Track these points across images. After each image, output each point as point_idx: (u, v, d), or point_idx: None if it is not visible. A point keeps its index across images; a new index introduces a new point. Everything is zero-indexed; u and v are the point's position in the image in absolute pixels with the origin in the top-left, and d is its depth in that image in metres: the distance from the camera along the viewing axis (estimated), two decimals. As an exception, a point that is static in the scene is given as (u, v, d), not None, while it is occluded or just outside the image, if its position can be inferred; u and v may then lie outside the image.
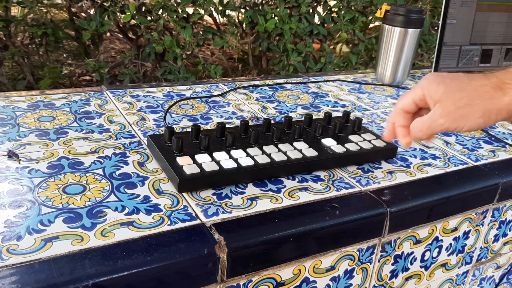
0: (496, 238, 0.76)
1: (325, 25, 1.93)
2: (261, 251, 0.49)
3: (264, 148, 0.62)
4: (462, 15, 1.12)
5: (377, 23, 2.13)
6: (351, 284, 0.60)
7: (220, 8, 1.73)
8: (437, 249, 0.67)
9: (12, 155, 0.59)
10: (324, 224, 0.52)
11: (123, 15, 1.64)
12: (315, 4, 1.94)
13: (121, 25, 1.82)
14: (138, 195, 0.53)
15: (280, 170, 0.60)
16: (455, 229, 0.67)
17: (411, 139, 0.58)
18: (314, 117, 0.73)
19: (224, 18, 1.83)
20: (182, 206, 0.52)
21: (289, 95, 0.95)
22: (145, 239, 0.45)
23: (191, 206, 0.52)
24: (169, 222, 0.48)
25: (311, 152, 0.63)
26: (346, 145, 0.66)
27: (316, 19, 1.93)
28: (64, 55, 2.09)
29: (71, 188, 0.53)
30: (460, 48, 1.15)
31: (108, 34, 2.04)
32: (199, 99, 0.87)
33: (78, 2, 1.70)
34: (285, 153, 0.62)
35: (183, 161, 0.57)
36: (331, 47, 2.25)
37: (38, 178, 0.54)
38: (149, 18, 1.68)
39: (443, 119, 0.53)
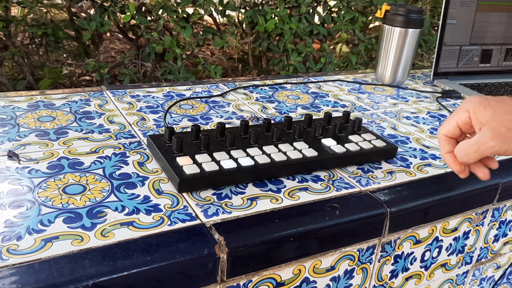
0: (496, 238, 0.76)
1: (325, 25, 1.93)
2: (261, 251, 0.49)
3: (264, 148, 0.62)
4: (462, 15, 1.12)
5: (377, 23, 2.13)
6: (351, 284, 0.60)
7: (220, 8, 1.73)
8: (437, 249, 0.67)
9: (12, 155, 0.59)
10: (324, 224, 0.52)
11: (123, 15, 1.64)
12: (315, 4, 1.94)
13: (121, 25, 1.82)
14: (138, 195, 0.53)
15: (280, 170, 0.60)
16: (455, 229, 0.67)
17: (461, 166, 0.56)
18: (314, 117, 0.73)
19: (224, 18, 1.83)
20: (182, 206, 0.52)
21: (289, 95, 0.95)
22: (145, 239, 0.45)
23: (191, 206, 0.52)
24: (169, 222, 0.48)
25: (311, 152, 0.63)
26: (346, 145, 0.66)
27: (316, 19, 1.93)
28: (64, 55, 2.09)
29: (71, 188, 0.53)
30: (460, 48, 1.15)
31: (108, 34, 2.04)
32: (199, 99, 0.87)
33: (78, 2, 1.70)
34: (285, 153, 0.62)
35: (183, 161, 0.57)
36: (331, 47, 2.25)
37: (38, 178, 0.54)
38: (149, 18, 1.68)
39: (493, 142, 0.51)
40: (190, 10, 1.72)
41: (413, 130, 0.82)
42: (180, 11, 1.64)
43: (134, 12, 1.59)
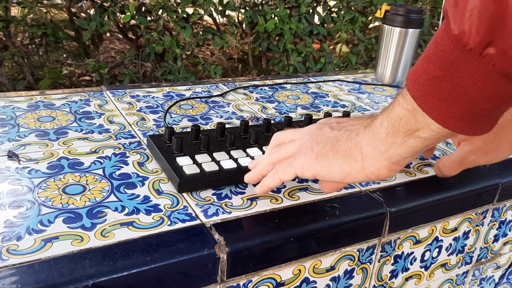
0: (496, 238, 0.76)
1: (325, 25, 1.93)
2: (261, 251, 0.49)
3: (264, 148, 0.62)
4: (462, 15, 1.12)
5: (377, 23, 2.13)
6: (351, 284, 0.60)
7: (220, 8, 1.73)
8: (437, 249, 0.67)
9: (12, 155, 0.59)
10: (324, 224, 0.52)
11: (123, 15, 1.64)
12: (315, 4, 1.94)
13: (121, 25, 1.82)
14: (138, 195, 0.53)
15: (280, 170, 0.60)
16: (455, 229, 0.67)
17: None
18: (314, 117, 0.73)
19: (224, 18, 1.83)
20: (182, 206, 0.52)
21: (289, 95, 0.95)
22: (145, 239, 0.45)
23: (191, 206, 0.52)
24: (169, 222, 0.48)
25: (311, 152, 0.63)
26: (346, 145, 0.66)
27: (316, 19, 1.93)
28: (64, 55, 2.09)
29: (71, 188, 0.53)
30: (460, 48, 1.15)
31: (108, 34, 2.04)
32: (199, 99, 0.87)
33: (78, 2, 1.70)
34: (285, 153, 0.62)
35: (183, 161, 0.57)
36: (331, 47, 2.25)
37: (38, 178, 0.54)
38: (149, 18, 1.69)
39: (474, 156, 0.56)
40: (190, 10, 1.72)
41: (413, 130, 0.82)
42: (180, 11, 1.64)
43: (134, 12, 1.59)
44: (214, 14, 1.86)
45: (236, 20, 1.94)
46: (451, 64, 0.33)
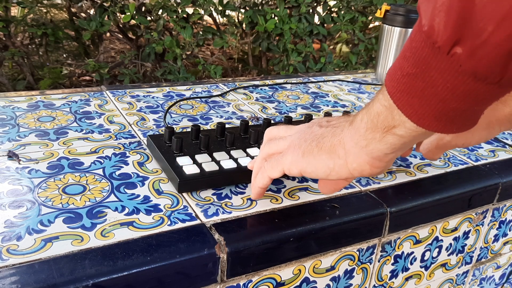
0: (496, 238, 0.76)
1: (325, 25, 1.93)
2: (261, 251, 0.49)
3: (264, 148, 0.62)
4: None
5: (377, 23, 2.13)
6: (351, 284, 0.60)
7: (220, 8, 1.73)
8: (437, 249, 0.67)
9: (12, 155, 0.59)
10: (324, 224, 0.52)
11: (123, 15, 1.64)
12: (315, 4, 1.94)
13: (121, 25, 1.82)
14: (138, 195, 0.53)
15: (280, 170, 0.60)
16: (455, 229, 0.67)
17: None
18: (314, 117, 0.73)
19: (224, 18, 1.83)
20: (182, 206, 0.52)
21: (289, 95, 0.95)
22: (145, 239, 0.45)
23: (191, 206, 0.52)
24: (169, 222, 0.48)
25: (311, 152, 0.63)
26: (346, 145, 0.66)
27: (316, 19, 1.93)
28: (64, 55, 2.09)
29: (71, 188, 0.53)
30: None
31: (108, 34, 2.05)
32: (199, 99, 0.87)
33: (78, 2, 1.70)
34: (285, 153, 0.62)
35: (183, 161, 0.57)
36: (331, 47, 2.25)
37: (38, 178, 0.54)
38: (149, 18, 1.69)
39: (449, 137, 0.56)
40: (190, 10, 1.72)
41: (413, 130, 0.82)
42: (180, 11, 1.64)
43: (134, 12, 1.59)
44: (214, 14, 1.86)
45: (236, 20, 1.94)
46: (423, 61, 0.33)
